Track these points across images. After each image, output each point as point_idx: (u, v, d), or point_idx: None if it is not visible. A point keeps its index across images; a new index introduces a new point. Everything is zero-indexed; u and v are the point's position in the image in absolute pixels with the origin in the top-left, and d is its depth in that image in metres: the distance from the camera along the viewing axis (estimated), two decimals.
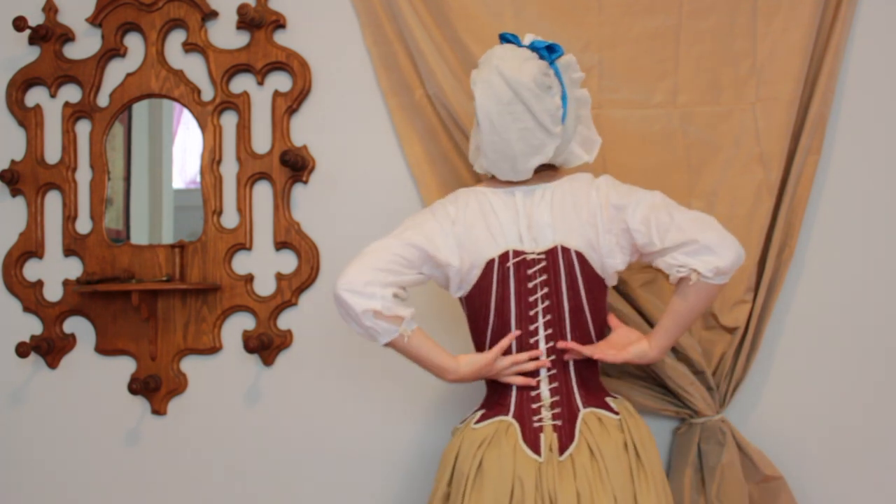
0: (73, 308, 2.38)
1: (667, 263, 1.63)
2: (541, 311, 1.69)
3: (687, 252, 1.60)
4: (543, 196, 1.71)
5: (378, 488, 2.20)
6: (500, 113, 1.65)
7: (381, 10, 2.16)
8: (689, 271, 1.60)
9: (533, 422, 1.67)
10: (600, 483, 1.60)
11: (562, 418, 1.68)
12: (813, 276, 2.03)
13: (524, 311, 1.69)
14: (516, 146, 1.66)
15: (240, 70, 2.30)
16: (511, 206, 1.71)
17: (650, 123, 2.03)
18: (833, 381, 2.01)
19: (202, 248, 2.29)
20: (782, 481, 1.95)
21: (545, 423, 1.67)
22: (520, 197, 1.72)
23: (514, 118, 1.64)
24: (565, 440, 1.65)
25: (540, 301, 1.69)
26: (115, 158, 2.38)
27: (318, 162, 2.26)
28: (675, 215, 1.63)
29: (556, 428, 1.67)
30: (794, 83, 1.95)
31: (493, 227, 1.70)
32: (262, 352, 2.25)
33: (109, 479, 2.35)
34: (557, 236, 1.68)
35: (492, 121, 1.66)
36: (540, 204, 1.70)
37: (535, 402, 1.69)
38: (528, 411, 1.69)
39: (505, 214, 1.71)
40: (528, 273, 1.69)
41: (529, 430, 1.66)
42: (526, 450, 1.64)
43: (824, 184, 2.03)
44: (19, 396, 2.42)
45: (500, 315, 1.70)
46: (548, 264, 1.68)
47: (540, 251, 1.69)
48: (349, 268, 1.64)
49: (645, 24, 2.04)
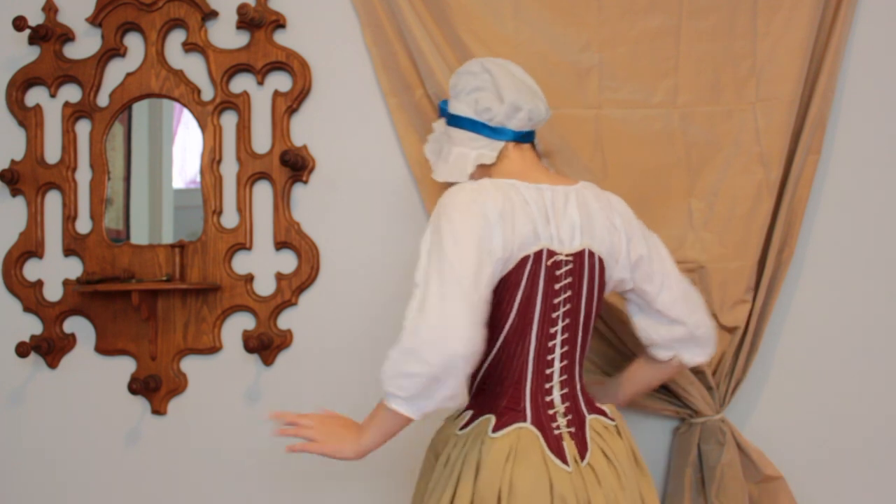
0: (73, 308, 2.38)
1: (655, 333, 1.75)
2: (561, 315, 1.63)
3: (679, 337, 1.74)
4: (568, 197, 1.64)
5: (378, 488, 2.20)
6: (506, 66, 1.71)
7: (381, 9, 2.16)
8: (673, 356, 1.76)
9: (553, 429, 1.60)
10: (621, 489, 1.59)
11: (574, 425, 1.63)
12: (813, 276, 2.03)
13: (547, 312, 1.62)
14: (532, 84, 1.70)
15: (240, 70, 2.30)
16: (541, 202, 1.61)
17: (650, 123, 2.03)
18: (833, 380, 2.02)
19: (202, 247, 2.29)
20: (782, 481, 1.95)
21: (563, 431, 1.61)
22: (548, 194, 1.62)
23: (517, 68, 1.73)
24: (581, 448, 1.61)
25: (563, 304, 1.63)
26: (115, 158, 2.38)
27: (318, 162, 2.26)
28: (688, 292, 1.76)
29: (571, 435, 1.61)
30: (794, 83, 1.95)
31: (531, 221, 1.59)
32: (262, 352, 2.25)
33: (109, 479, 2.35)
34: (585, 239, 1.64)
35: (502, 67, 1.69)
36: (567, 204, 1.64)
37: (550, 408, 1.62)
38: (546, 418, 1.60)
39: (537, 209, 1.60)
40: (556, 274, 1.61)
41: (552, 439, 1.59)
42: (555, 460, 1.56)
43: (824, 184, 2.03)
44: (19, 396, 2.42)
45: (523, 314, 1.60)
46: (574, 267, 1.63)
47: (569, 253, 1.62)
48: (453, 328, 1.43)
49: (645, 24, 2.04)
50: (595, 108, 2.03)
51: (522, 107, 1.65)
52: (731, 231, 1.97)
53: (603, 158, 2.03)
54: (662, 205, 2.02)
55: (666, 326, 1.73)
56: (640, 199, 1.99)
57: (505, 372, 1.61)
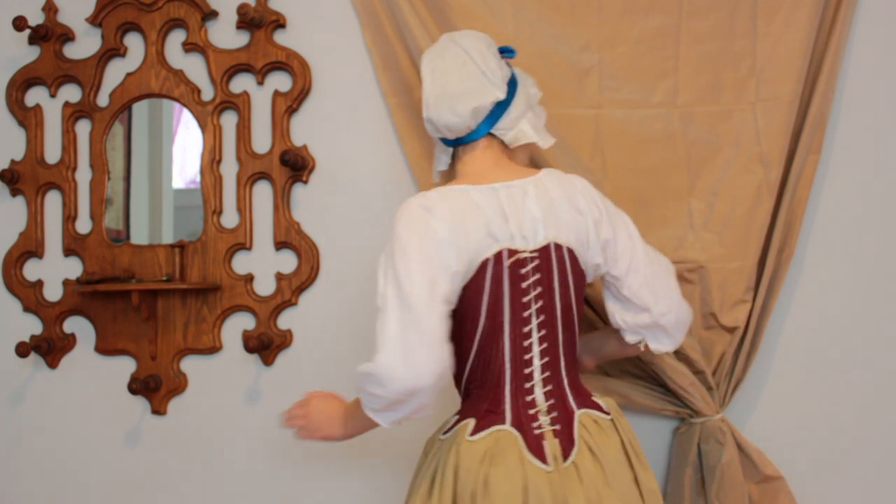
0: (73, 308, 2.38)
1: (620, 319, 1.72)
2: (534, 312, 1.61)
3: (644, 324, 1.70)
4: (526, 191, 1.61)
5: (378, 488, 2.20)
6: (441, 57, 1.67)
7: (381, 10, 2.16)
8: (640, 340, 1.73)
9: (533, 429, 1.59)
10: (607, 487, 1.56)
11: (560, 422, 1.60)
12: (813, 276, 2.03)
13: (518, 312, 1.61)
14: (456, 85, 1.63)
15: (240, 70, 2.30)
16: (495, 202, 1.60)
17: (650, 123, 2.03)
18: (833, 380, 2.02)
19: (202, 247, 2.29)
20: (782, 481, 1.95)
21: (545, 430, 1.59)
22: (503, 193, 1.61)
23: (454, 59, 1.66)
24: (566, 445, 1.58)
25: (533, 301, 1.61)
26: (115, 158, 2.38)
27: (318, 162, 2.26)
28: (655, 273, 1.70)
29: (556, 433, 1.59)
30: (794, 83, 1.95)
31: (484, 225, 1.59)
32: (262, 352, 2.25)
33: (109, 479, 2.35)
34: (549, 232, 1.61)
35: (433, 68, 1.67)
36: (524, 199, 1.61)
37: (531, 407, 1.61)
38: (527, 418, 1.59)
39: (491, 211, 1.59)
40: (521, 273, 1.60)
41: (531, 439, 1.58)
42: (533, 460, 1.55)
43: (824, 184, 2.03)
44: (19, 396, 2.42)
45: (493, 318, 1.60)
46: (541, 262, 1.60)
47: (533, 249, 1.60)
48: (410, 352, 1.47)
49: (645, 24, 2.04)
50: (595, 108, 2.03)
51: (434, 121, 1.66)
52: (731, 231, 1.97)
53: (603, 158, 2.03)
54: (662, 205, 2.02)
55: (632, 313, 1.70)
56: (640, 199, 2.00)
57: (484, 376, 1.62)
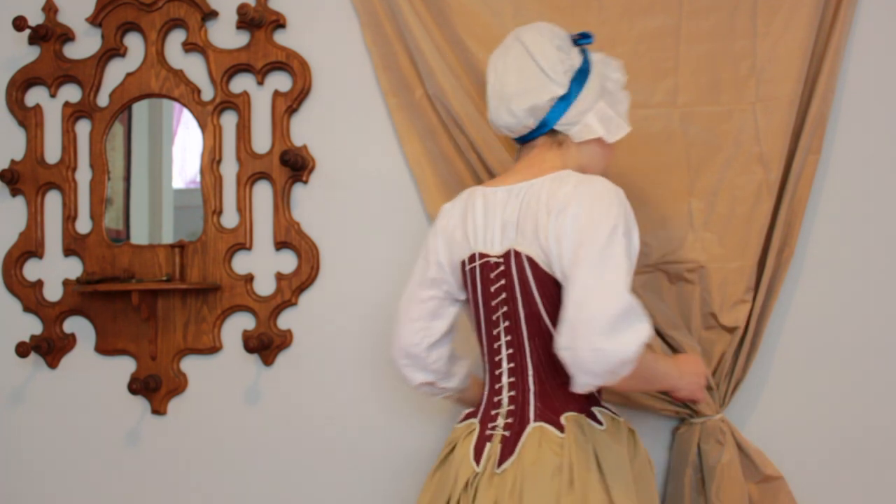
0: (73, 308, 2.38)
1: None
2: (501, 317, 1.59)
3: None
4: (519, 193, 1.58)
5: (378, 488, 2.20)
6: (504, 56, 1.65)
7: (381, 10, 2.16)
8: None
9: (487, 429, 1.59)
10: (517, 502, 1.47)
11: (511, 429, 1.56)
12: (813, 276, 2.03)
13: (489, 315, 1.61)
14: (514, 84, 1.61)
15: (240, 70, 2.30)
16: (492, 205, 1.60)
17: (650, 123, 2.03)
18: (833, 380, 2.01)
19: (202, 247, 2.29)
20: (782, 481, 1.95)
21: (496, 433, 1.57)
22: (496, 196, 1.60)
23: (516, 57, 1.62)
24: (506, 453, 1.53)
25: (500, 306, 1.59)
26: (115, 158, 2.38)
27: (318, 162, 2.26)
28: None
29: (503, 438, 1.55)
30: (794, 83, 1.95)
31: (469, 228, 1.61)
32: (262, 352, 2.25)
33: (109, 479, 2.35)
34: (517, 238, 1.55)
35: (495, 68, 1.66)
36: (508, 204, 1.58)
37: (496, 408, 1.61)
38: (488, 417, 1.61)
39: (482, 214, 1.60)
40: (490, 277, 1.59)
41: (482, 438, 1.58)
42: (471, 458, 1.56)
43: (824, 184, 2.02)
44: (19, 396, 2.42)
45: (474, 318, 1.66)
46: (505, 268, 1.57)
47: (497, 254, 1.58)
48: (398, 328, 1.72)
49: (645, 24, 2.04)
50: None
51: (494, 122, 1.68)
52: (731, 231, 1.97)
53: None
54: (662, 205, 2.02)
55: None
56: (640, 200, 1.99)
57: (483, 370, 1.70)
